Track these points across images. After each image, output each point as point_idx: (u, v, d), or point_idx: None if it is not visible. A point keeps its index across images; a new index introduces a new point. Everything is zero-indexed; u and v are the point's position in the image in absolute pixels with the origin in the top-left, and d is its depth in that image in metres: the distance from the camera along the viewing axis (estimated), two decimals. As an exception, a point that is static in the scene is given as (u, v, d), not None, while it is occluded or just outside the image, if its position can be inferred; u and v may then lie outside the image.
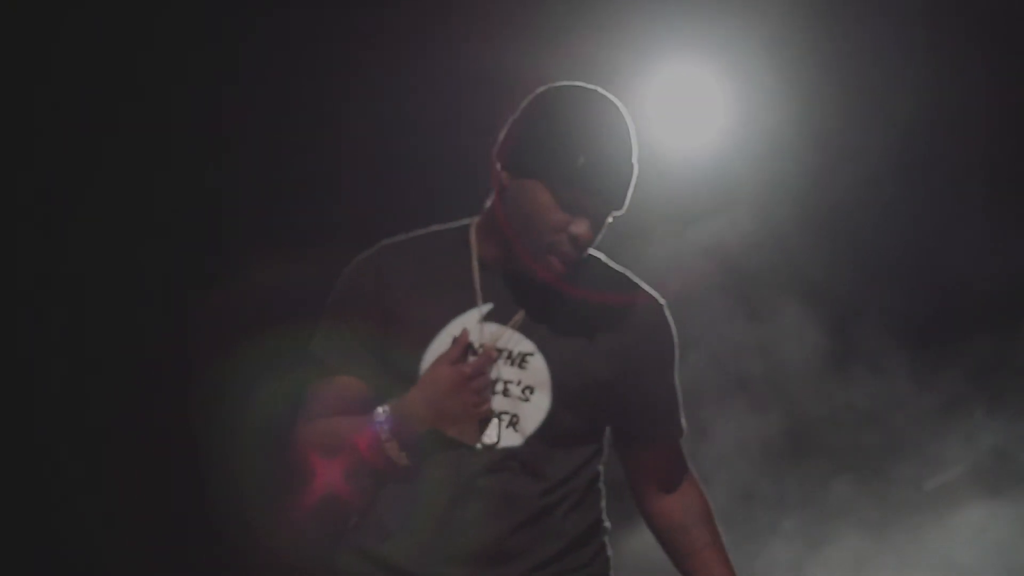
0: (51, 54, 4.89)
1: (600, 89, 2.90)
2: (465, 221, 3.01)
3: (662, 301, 3.03)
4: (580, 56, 4.55)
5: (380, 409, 2.87)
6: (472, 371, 2.84)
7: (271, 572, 4.96)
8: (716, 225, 5.03)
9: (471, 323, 2.89)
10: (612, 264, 3.03)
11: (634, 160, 2.86)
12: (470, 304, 2.91)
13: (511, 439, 2.89)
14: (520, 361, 2.90)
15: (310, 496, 2.94)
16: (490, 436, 2.88)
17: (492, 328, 2.90)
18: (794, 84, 5.01)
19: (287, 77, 5.00)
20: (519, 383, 2.90)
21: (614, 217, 2.89)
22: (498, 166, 2.89)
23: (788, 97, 5.02)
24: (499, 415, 2.89)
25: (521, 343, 2.90)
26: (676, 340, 3.04)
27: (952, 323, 5.00)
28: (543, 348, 2.90)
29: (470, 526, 2.87)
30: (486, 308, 2.91)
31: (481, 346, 2.88)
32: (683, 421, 3.09)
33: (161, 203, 5.03)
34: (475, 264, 2.94)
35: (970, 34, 4.92)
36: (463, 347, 2.86)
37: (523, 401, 2.89)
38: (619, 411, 2.99)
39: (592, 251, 2.96)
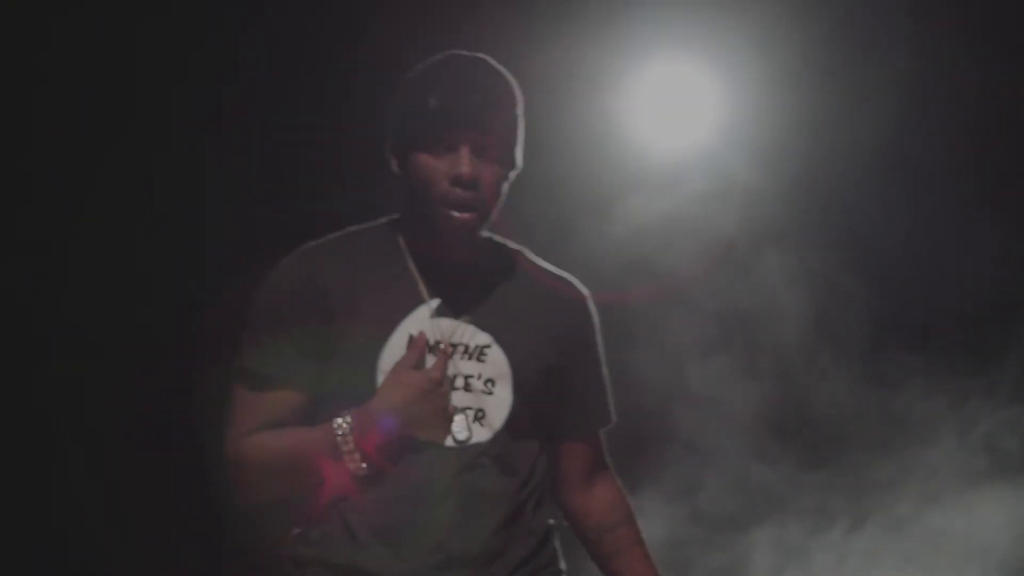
0: (50, 53, 4.91)
1: (458, 51, 2.88)
2: (384, 219, 2.96)
3: (586, 292, 3.01)
4: (573, 55, 4.53)
5: (339, 420, 2.79)
6: (441, 374, 2.80)
7: (271, 572, 4.95)
8: (708, 225, 5.01)
9: (423, 320, 2.84)
10: (536, 258, 3.00)
11: (501, 92, 2.82)
12: (417, 301, 2.85)
13: (480, 434, 2.84)
14: (478, 354, 2.86)
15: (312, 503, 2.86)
16: (461, 433, 2.83)
17: (445, 323, 2.85)
18: (786, 81, 4.99)
19: (287, 77, 5.00)
20: (480, 376, 2.85)
21: (513, 174, 2.84)
22: (392, 162, 2.88)
23: (780, 94, 5.00)
24: (464, 411, 2.84)
25: (476, 336, 2.86)
26: (599, 329, 3.01)
27: (948, 321, 4.97)
28: (499, 339, 2.86)
29: (454, 528, 2.81)
30: (434, 303, 2.86)
31: (438, 343, 2.83)
32: (612, 410, 3.04)
33: (162, 202, 5.03)
34: (410, 260, 2.88)
35: (962, 29, 4.90)
36: (421, 349, 2.81)
37: (486, 395, 2.85)
38: (561, 399, 2.95)
39: (516, 246, 2.96)
